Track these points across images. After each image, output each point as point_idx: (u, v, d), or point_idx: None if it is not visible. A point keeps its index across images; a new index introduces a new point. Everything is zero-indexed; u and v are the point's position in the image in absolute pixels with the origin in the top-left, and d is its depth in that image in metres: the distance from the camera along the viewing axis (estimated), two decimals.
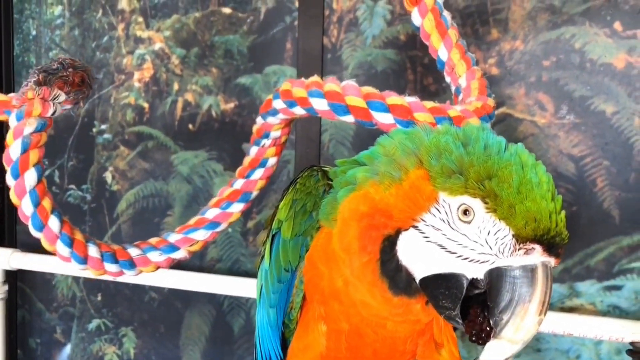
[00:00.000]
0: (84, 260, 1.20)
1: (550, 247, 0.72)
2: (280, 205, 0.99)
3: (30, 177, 1.10)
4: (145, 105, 2.18)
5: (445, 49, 1.19)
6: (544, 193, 0.72)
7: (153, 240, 1.32)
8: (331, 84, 1.04)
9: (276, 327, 1.00)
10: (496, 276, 0.74)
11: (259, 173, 1.34)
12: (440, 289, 0.77)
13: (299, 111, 1.10)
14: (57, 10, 2.28)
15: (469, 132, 0.77)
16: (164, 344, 2.23)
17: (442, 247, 0.76)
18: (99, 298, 2.31)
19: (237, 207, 1.34)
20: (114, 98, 2.22)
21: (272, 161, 1.34)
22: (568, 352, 1.74)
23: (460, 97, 1.15)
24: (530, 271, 0.72)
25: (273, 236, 0.98)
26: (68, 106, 1.18)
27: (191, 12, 2.10)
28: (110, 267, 1.23)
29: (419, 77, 1.82)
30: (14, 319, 2.38)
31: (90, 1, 2.24)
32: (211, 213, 1.34)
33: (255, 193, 1.36)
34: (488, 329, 0.75)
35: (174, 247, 1.31)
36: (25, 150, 1.08)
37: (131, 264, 1.26)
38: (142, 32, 2.17)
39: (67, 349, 2.37)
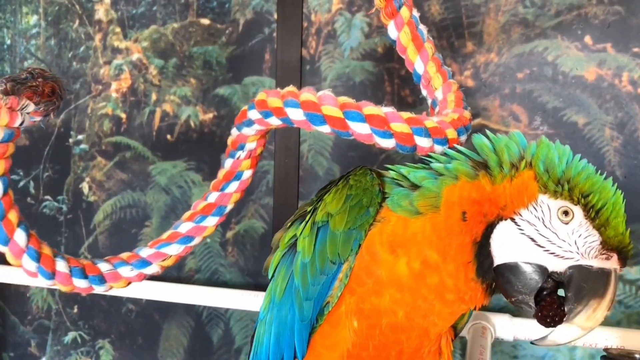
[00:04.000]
0: (51, 275, 1.15)
1: (624, 257, 0.87)
2: (328, 200, 1.01)
3: None
4: (123, 115, 2.17)
5: (422, 62, 1.20)
6: (624, 215, 0.88)
7: (124, 255, 1.28)
8: (307, 94, 1.03)
9: (309, 321, 1.02)
10: (578, 272, 0.87)
11: (234, 186, 1.30)
12: (520, 276, 0.88)
13: (274, 121, 1.08)
14: (33, 19, 2.26)
15: (568, 152, 0.91)
16: (142, 356, 2.20)
17: (533, 240, 0.87)
18: (75, 310, 2.27)
19: (212, 221, 1.30)
20: (91, 108, 2.20)
21: (247, 174, 1.30)
22: (544, 357, 1.77)
23: (437, 109, 1.16)
24: (607, 274, 0.86)
25: (318, 229, 1.01)
26: (37, 118, 1.13)
27: (169, 23, 2.10)
28: (79, 282, 1.19)
29: (396, 89, 1.85)
30: None
31: (66, 11, 2.22)
32: (184, 227, 1.29)
33: (230, 206, 1.32)
34: (561, 315, 0.87)
35: (146, 262, 1.27)
36: None
37: (101, 279, 1.22)
38: (120, 42, 2.16)
39: None
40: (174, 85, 2.10)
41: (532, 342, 0.94)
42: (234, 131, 1.22)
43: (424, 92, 1.23)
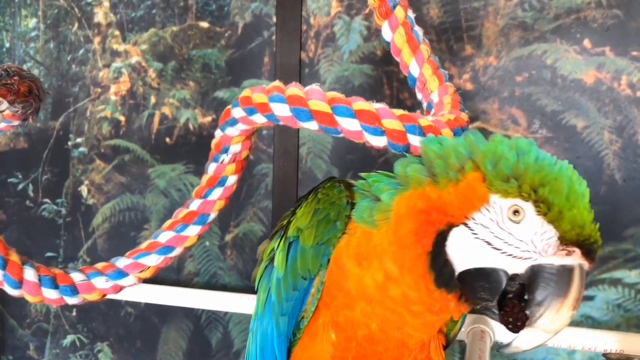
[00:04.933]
0: (18, 284, 1.10)
1: (588, 251, 0.81)
2: (299, 214, 1.00)
3: None
4: (122, 118, 2.16)
5: (417, 64, 1.16)
6: (586, 204, 0.81)
7: (99, 265, 1.23)
8: (294, 88, 0.97)
9: (285, 336, 1.01)
10: (537, 272, 0.82)
11: (217, 193, 1.22)
12: (481, 281, 0.84)
13: (259, 119, 1.01)
14: (32, 22, 2.26)
15: (521, 145, 0.85)
16: None
17: (489, 244, 0.83)
18: (74, 313, 2.27)
19: (193, 230, 1.23)
20: (90, 111, 2.20)
21: (232, 179, 1.22)
22: None
23: (432, 111, 1.13)
24: (569, 270, 0.81)
25: (289, 244, 0.99)
26: (15, 122, 1.09)
27: (168, 26, 2.10)
28: (49, 292, 1.13)
29: (395, 92, 1.85)
30: None
31: (65, 14, 2.22)
32: (164, 237, 1.23)
33: (213, 215, 1.25)
34: (524, 319, 0.82)
35: (122, 273, 1.22)
36: None
37: (73, 290, 1.17)
38: (119, 45, 2.16)
39: None
40: (173, 88, 2.10)
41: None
42: (218, 132, 1.16)
43: (419, 96, 1.19)
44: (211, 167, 1.21)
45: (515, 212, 0.81)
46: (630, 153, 1.65)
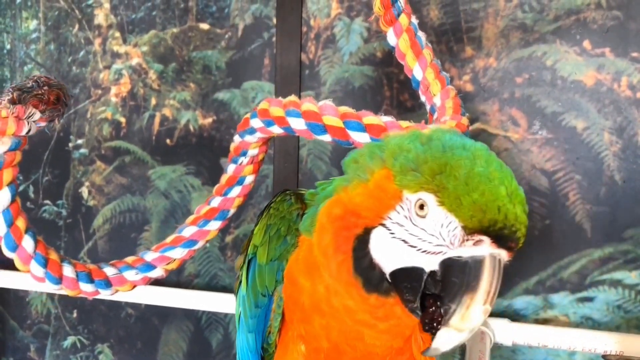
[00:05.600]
0: (58, 280, 1.18)
1: (498, 239, 0.73)
2: (255, 230, 1.00)
3: (4, 196, 1.08)
4: (122, 120, 2.17)
5: (420, 68, 1.21)
6: (494, 186, 0.73)
7: (129, 259, 1.30)
8: (308, 104, 1.05)
9: (256, 352, 1.00)
10: (447, 266, 0.76)
11: (236, 191, 1.33)
12: (404, 282, 0.79)
13: (276, 130, 1.10)
14: (33, 24, 2.27)
15: (432, 134, 0.80)
16: None
17: (405, 242, 0.78)
18: (75, 315, 2.27)
19: (215, 225, 1.33)
20: (91, 113, 2.20)
21: (249, 179, 1.32)
22: None
23: (435, 115, 1.17)
24: (479, 262, 0.73)
25: (249, 261, 0.99)
26: (43, 124, 1.15)
27: (169, 28, 2.10)
28: (86, 286, 1.21)
29: (395, 94, 1.85)
30: None
31: (66, 16, 2.23)
32: (188, 231, 1.32)
33: (232, 210, 1.35)
34: (439, 318, 0.77)
35: (150, 266, 1.29)
36: None
37: (107, 283, 1.25)
38: (119, 47, 2.16)
39: None
40: (174, 90, 2.10)
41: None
42: (237, 138, 1.24)
43: (423, 98, 1.24)
44: (230, 168, 1.31)
45: (421, 206, 0.76)
46: (630, 154, 1.65)
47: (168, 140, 2.11)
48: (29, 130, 1.10)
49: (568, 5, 1.69)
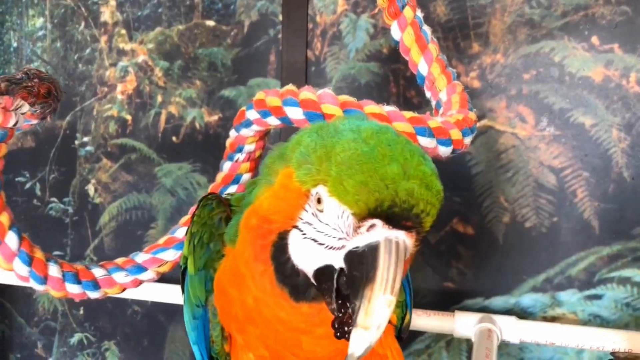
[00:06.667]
0: (43, 280, 1.13)
1: (391, 220, 0.66)
2: (185, 241, 0.95)
3: None
4: (129, 117, 2.17)
5: (426, 63, 1.17)
6: (381, 165, 0.66)
7: (119, 260, 1.26)
8: (306, 92, 1.00)
9: None
10: (349, 260, 0.69)
11: (232, 190, 1.25)
12: (321, 283, 0.73)
13: (273, 121, 1.04)
14: (39, 22, 2.27)
15: (333, 121, 0.74)
16: (147, 358, 2.20)
17: (315, 241, 0.72)
18: (81, 312, 2.28)
19: None
20: (97, 110, 2.21)
21: (246, 177, 1.25)
22: None
23: (441, 110, 1.14)
24: (374, 249, 0.66)
25: (183, 272, 0.95)
26: (34, 121, 1.11)
27: (175, 25, 2.10)
28: (72, 287, 1.16)
29: (401, 90, 1.84)
30: None
31: (72, 13, 2.23)
32: (181, 232, 1.26)
33: None
34: (349, 320, 0.70)
35: (141, 268, 1.24)
36: None
37: (95, 285, 1.19)
38: (125, 44, 2.16)
39: None
40: (180, 87, 2.10)
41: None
42: (233, 133, 1.19)
43: (428, 94, 1.21)
44: (226, 165, 1.25)
45: (318, 199, 0.70)
46: (639, 151, 1.64)
47: (174, 138, 2.11)
48: (17, 123, 1.06)
49: (576, 0, 1.68)
